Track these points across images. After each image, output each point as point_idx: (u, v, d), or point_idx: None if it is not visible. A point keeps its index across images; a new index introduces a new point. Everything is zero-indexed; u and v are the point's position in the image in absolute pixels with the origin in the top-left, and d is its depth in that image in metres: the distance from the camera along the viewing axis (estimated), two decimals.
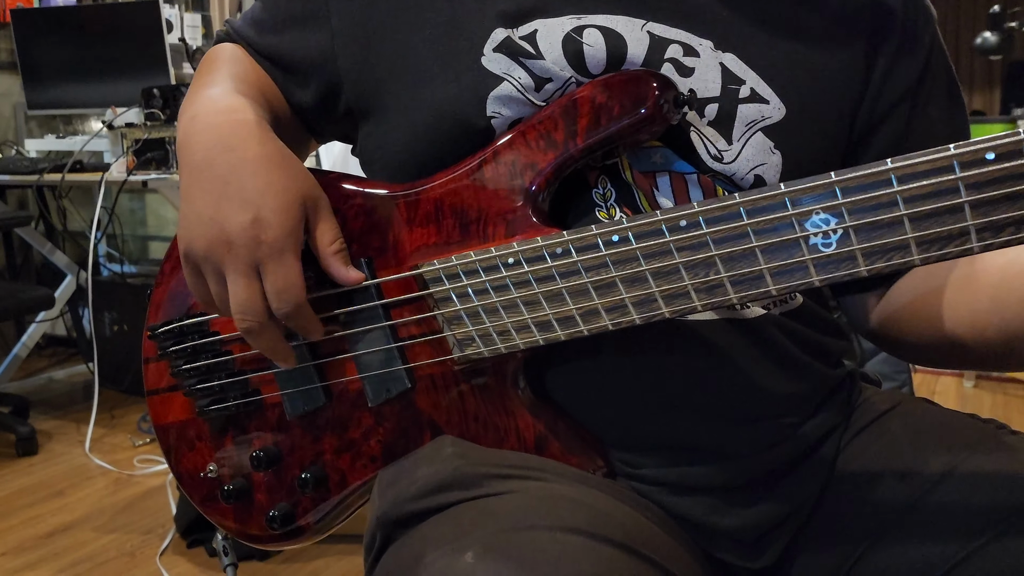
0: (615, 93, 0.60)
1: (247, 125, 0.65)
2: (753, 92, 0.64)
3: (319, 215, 0.65)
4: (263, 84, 0.74)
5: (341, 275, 0.65)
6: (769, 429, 0.66)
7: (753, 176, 0.64)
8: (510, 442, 0.65)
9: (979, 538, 0.60)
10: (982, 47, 2.14)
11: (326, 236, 0.65)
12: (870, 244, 0.50)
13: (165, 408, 0.77)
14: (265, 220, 0.61)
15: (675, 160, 0.63)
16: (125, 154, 2.45)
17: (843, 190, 0.50)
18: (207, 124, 0.65)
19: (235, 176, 0.62)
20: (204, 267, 0.63)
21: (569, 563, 0.50)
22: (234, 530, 0.75)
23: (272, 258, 0.61)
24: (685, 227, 0.54)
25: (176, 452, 0.77)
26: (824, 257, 0.51)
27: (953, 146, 0.47)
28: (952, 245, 0.48)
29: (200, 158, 0.64)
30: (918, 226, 0.49)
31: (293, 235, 0.62)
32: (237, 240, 0.61)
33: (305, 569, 1.82)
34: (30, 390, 3.02)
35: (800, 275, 0.52)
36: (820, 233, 0.51)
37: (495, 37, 0.65)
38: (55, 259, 3.03)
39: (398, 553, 0.58)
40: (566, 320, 0.59)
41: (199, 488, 0.76)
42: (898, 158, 0.48)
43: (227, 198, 0.61)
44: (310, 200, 0.64)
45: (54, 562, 1.88)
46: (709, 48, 0.64)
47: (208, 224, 0.62)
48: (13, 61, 3.10)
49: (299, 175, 0.64)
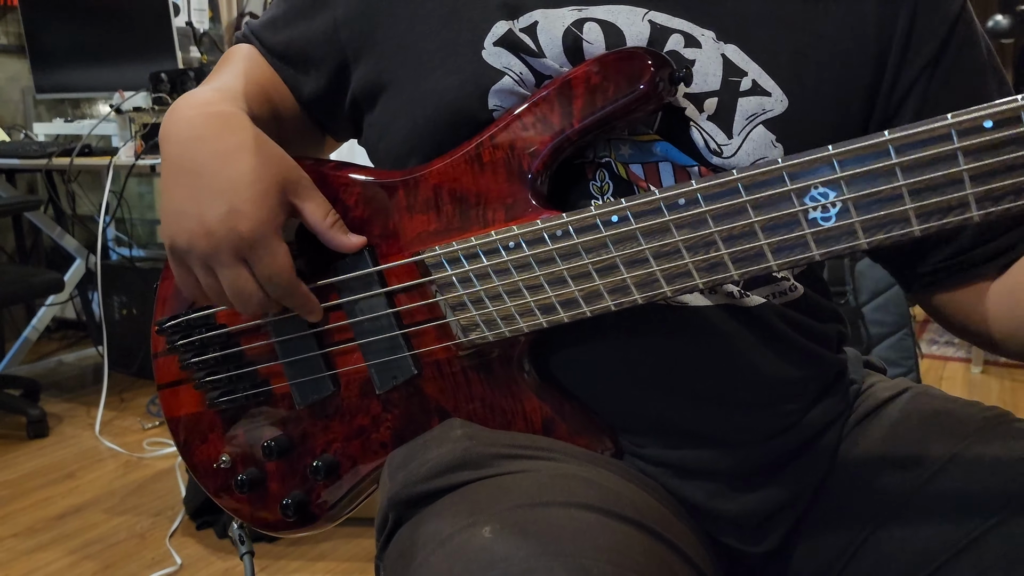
0: (610, 72, 0.59)
1: (220, 116, 0.65)
2: (755, 84, 0.63)
3: (303, 194, 0.65)
4: (267, 81, 0.74)
5: (343, 243, 0.65)
6: (770, 416, 0.66)
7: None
8: (517, 425, 0.66)
9: (981, 525, 0.60)
10: (993, 30, 2.12)
11: (318, 212, 0.65)
12: (869, 217, 0.50)
13: (176, 401, 0.78)
14: (239, 210, 0.61)
15: (676, 153, 0.63)
16: (133, 138, 2.46)
17: (841, 163, 0.49)
18: (180, 117, 0.65)
19: (208, 167, 0.62)
20: (190, 260, 0.64)
21: (586, 538, 0.51)
22: (249, 518, 0.76)
23: (254, 247, 0.61)
24: (684, 205, 0.54)
25: (189, 444, 0.77)
26: (823, 231, 0.51)
27: (951, 115, 0.47)
28: (952, 215, 0.48)
29: (175, 151, 0.64)
30: (917, 197, 0.48)
31: (270, 222, 0.62)
32: (216, 231, 0.61)
33: (313, 551, 1.83)
34: (40, 373, 3.04)
35: (800, 250, 0.52)
36: (819, 207, 0.51)
37: (496, 31, 0.64)
38: (64, 243, 3.04)
39: (412, 532, 0.59)
40: (569, 302, 0.60)
41: (213, 479, 0.76)
42: (896, 128, 0.48)
43: (201, 190, 0.62)
44: (289, 183, 0.64)
45: (65, 543, 1.90)
46: (711, 39, 0.63)
47: (187, 217, 0.62)
48: (21, 45, 3.10)
49: (273, 160, 0.64)
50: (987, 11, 2.20)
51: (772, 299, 0.66)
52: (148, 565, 1.80)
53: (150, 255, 3.24)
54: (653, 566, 0.53)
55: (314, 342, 0.70)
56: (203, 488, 0.78)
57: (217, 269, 0.63)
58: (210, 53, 2.87)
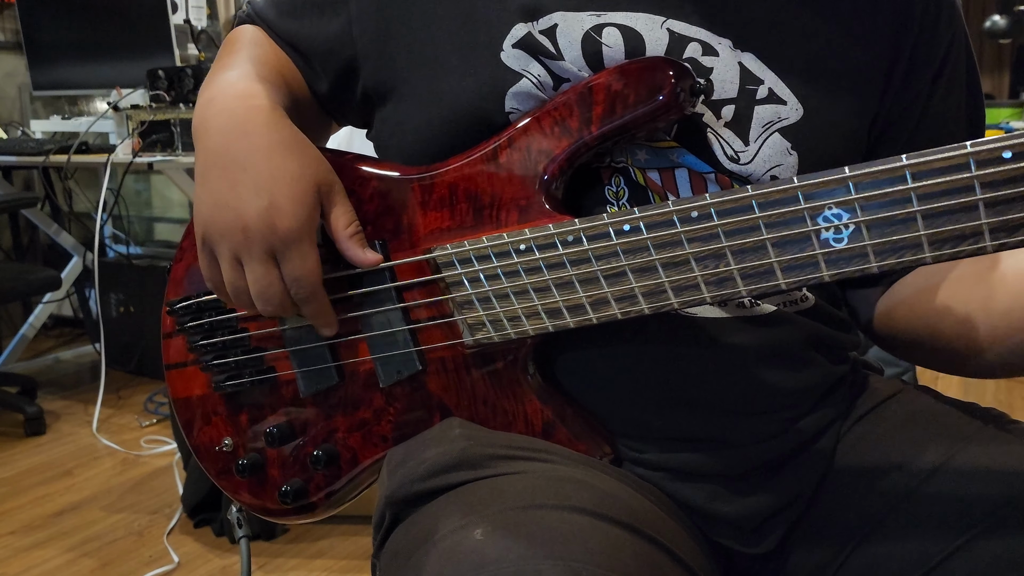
0: (631, 81, 0.59)
1: (263, 111, 0.65)
2: (771, 92, 0.64)
3: (334, 199, 0.65)
4: (283, 67, 0.74)
5: (359, 257, 0.65)
6: (771, 421, 0.66)
7: (769, 177, 0.64)
8: (518, 427, 0.66)
9: (975, 527, 0.60)
10: (991, 30, 2.12)
11: (341, 220, 0.65)
12: (882, 240, 0.49)
13: (183, 382, 0.78)
14: (280, 207, 0.61)
15: (693, 160, 0.63)
16: (131, 136, 2.45)
17: (856, 185, 0.49)
18: (223, 108, 0.65)
19: (251, 162, 0.62)
20: (220, 250, 0.64)
21: (577, 541, 0.51)
22: (248, 503, 0.76)
23: (289, 245, 0.62)
24: (696, 218, 0.54)
25: (193, 425, 0.78)
26: (835, 252, 0.51)
27: (970, 144, 0.46)
28: (965, 244, 0.48)
29: (216, 142, 0.64)
30: (931, 223, 0.48)
31: (308, 222, 0.62)
32: (252, 225, 0.61)
33: (311, 549, 1.83)
34: (37, 370, 3.04)
35: (810, 270, 0.52)
36: (832, 228, 0.50)
37: (515, 33, 0.64)
38: (61, 240, 3.03)
39: (407, 531, 0.59)
40: (576, 308, 0.60)
41: (215, 461, 0.77)
42: (914, 154, 0.48)
43: (243, 184, 0.62)
44: (324, 185, 0.65)
45: (62, 541, 1.90)
46: (728, 47, 0.64)
47: (224, 208, 0.62)
48: (18, 41, 3.09)
49: (313, 161, 0.65)
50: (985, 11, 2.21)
51: (784, 307, 0.67)
52: (145, 563, 1.80)
53: (147, 252, 3.24)
54: (644, 569, 0.53)
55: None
56: (204, 470, 0.78)
57: (246, 264, 0.63)
58: (208, 50, 2.86)
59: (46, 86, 3.05)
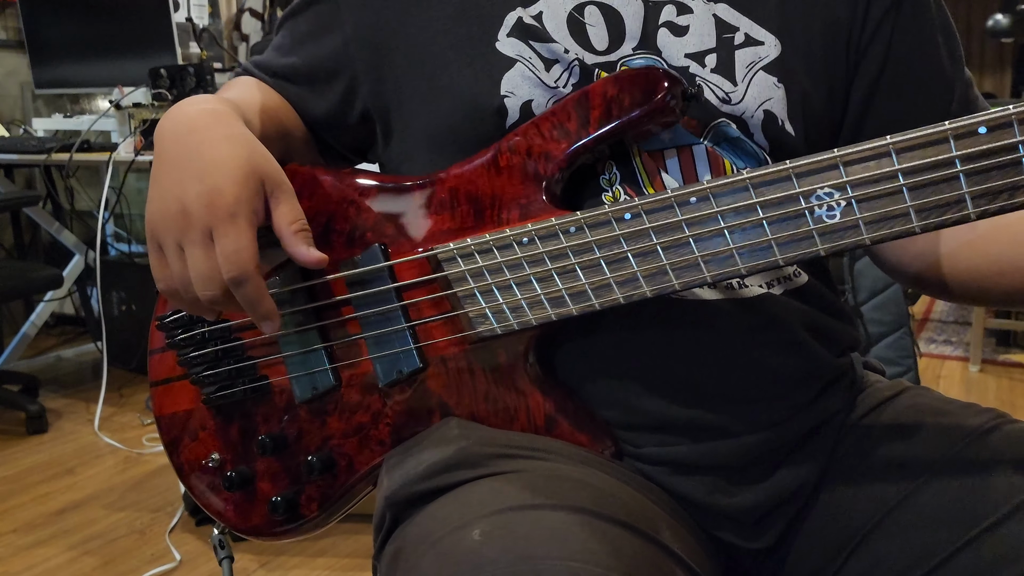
0: (625, 87, 0.62)
1: (215, 112, 0.66)
2: (748, 36, 0.68)
3: (280, 197, 0.64)
4: (273, 105, 0.75)
5: (302, 254, 0.63)
6: (769, 409, 0.67)
7: (762, 112, 0.67)
8: (520, 421, 0.66)
9: (976, 526, 0.61)
10: (993, 29, 2.12)
11: (287, 216, 0.63)
12: (872, 214, 0.53)
13: (169, 398, 0.77)
14: (220, 188, 0.60)
15: (683, 132, 0.66)
16: (133, 134, 2.45)
17: (845, 165, 0.53)
18: (176, 116, 0.66)
19: (197, 153, 0.62)
20: (165, 242, 0.62)
21: (575, 541, 0.51)
22: (232, 523, 0.75)
23: (224, 221, 0.60)
24: (695, 203, 0.57)
25: (178, 442, 0.77)
26: (828, 227, 0.54)
27: (948, 122, 0.51)
28: (950, 212, 0.52)
29: (167, 146, 0.64)
30: (917, 195, 0.52)
31: (247, 202, 0.61)
32: (192, 207, 0.60)
33: (313, 547, 1.84)
34: (39, 369, 3.04)
35: (806, 245, 0.55)
36: (824, 205, 0.54)
37: (508, 21, 0.68)
38: (63, 238, 3.04)
39: (407, 532, 0.59)
40: (578, 295, 0.61)
41: (200, 479, 0.76)
42: (897, 134, 0.52)
43: (187, 172, 0.62)
44: (270, 180, 0.63)
45: (64, 539, 1.91)
46: (701, 2, 0.68)
47: (169, 200, 0.62)
48: (20, 40, 3.10)
49: (261, 156, 0.64)
50: (987, 10, 2.20)
51: (773, 287, 0.67)
52: (147, 561, 1.80)
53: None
54: (644, 569, 0.53)
55: (318, 336, 0.70)
56: (187, 489, 0.77)
57: (187, 249, 0.61)
58: (209, 49, 2.87)
59: (48, 84, 3.05)
